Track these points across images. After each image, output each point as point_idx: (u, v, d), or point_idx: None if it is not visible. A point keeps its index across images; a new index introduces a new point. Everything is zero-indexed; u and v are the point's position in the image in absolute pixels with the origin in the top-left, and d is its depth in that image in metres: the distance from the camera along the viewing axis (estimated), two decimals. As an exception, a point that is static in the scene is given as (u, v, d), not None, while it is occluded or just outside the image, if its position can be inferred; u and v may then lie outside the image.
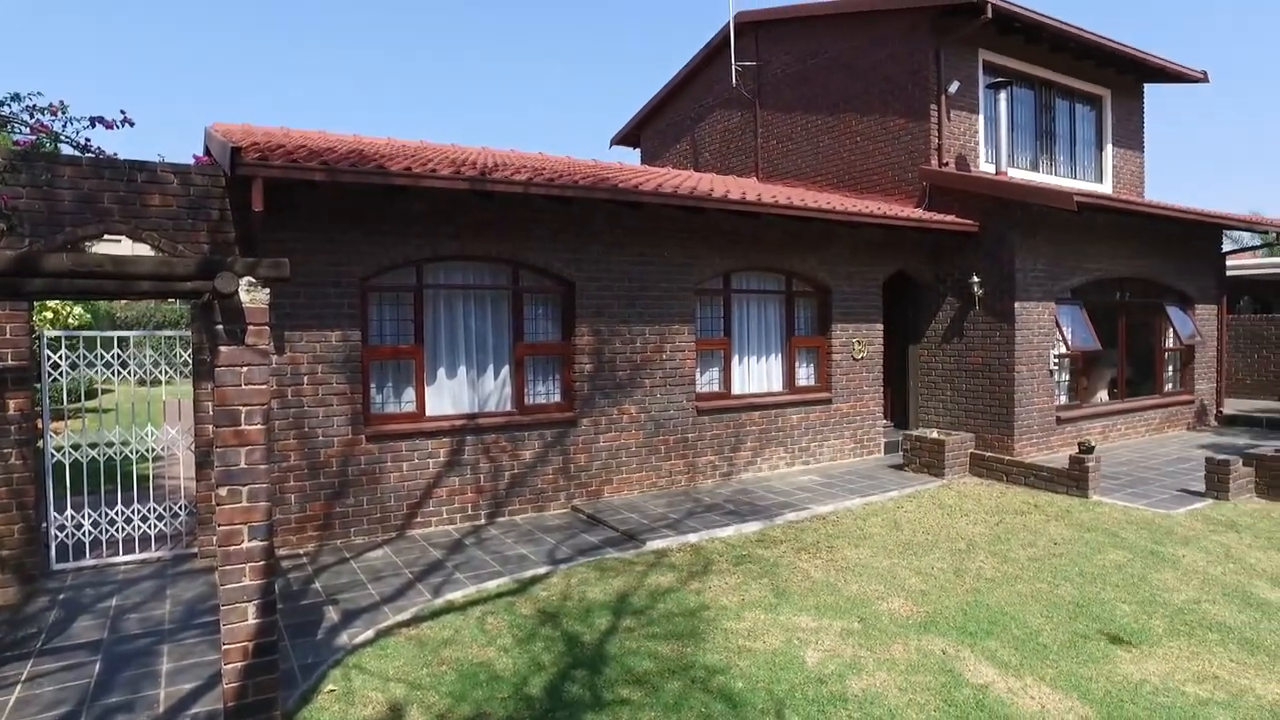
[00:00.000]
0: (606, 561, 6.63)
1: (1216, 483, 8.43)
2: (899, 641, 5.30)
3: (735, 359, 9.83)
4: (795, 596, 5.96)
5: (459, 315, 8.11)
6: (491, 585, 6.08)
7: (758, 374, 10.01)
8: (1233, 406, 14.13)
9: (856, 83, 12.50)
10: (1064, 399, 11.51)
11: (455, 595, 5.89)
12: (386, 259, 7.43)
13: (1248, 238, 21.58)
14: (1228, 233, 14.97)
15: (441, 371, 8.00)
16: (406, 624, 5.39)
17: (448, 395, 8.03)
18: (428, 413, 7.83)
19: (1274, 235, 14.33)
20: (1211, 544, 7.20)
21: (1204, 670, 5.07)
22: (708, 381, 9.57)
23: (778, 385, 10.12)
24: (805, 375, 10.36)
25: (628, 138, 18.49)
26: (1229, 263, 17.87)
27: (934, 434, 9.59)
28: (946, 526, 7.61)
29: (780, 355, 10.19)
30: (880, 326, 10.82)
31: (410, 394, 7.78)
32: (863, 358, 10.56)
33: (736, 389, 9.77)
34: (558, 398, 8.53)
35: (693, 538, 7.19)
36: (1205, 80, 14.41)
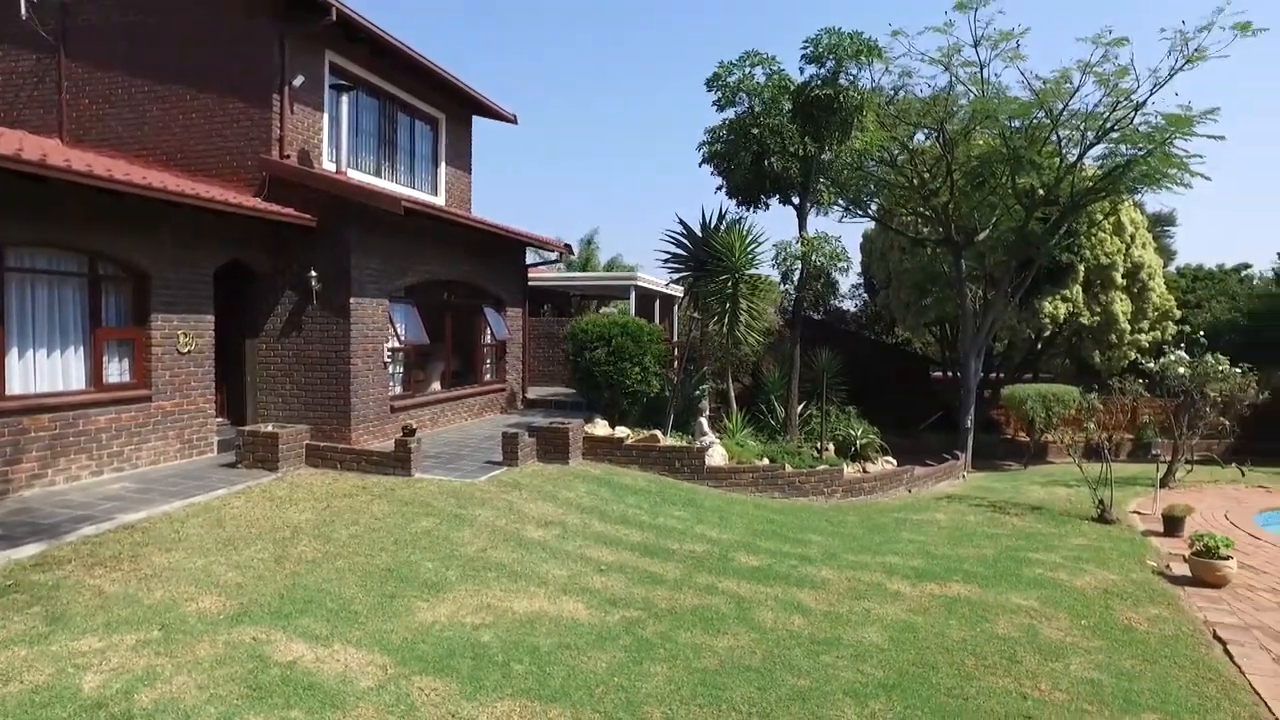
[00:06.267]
0: None
1: (510, 453, 10.16)
2: (206, 640, 5.04)
3: (15, 352, 8.02)
4: (78, 619, 5.17)
5: None
6: None
7: (49, 370, 8.36)
8: (535, 392, 17.21)
9: (194, 54, 11.40)
10: (399, 389, 12.47)
11: None
12: None
13: (553, 256, 26.57)
14: (538, 250, 18.17)
15: None
16: None
17: None
18: None
19: (558, 254, 17.91)
20: (501, 502, 8.63)
21: (481, 603, 6.04)
22: (-27, 380, 7.65)
23: (79, 383, 8.63)
24: (118, 371, 9.07)
25: None
26: (539, 275, 21.75)
27: (269, 428, 9.40)
28: (274, 517, 7.52)
29: (83, 348, 8.71)
30: (211, 318, 10.12)
31: None
32: (190, 351, 9.74)
33: (17, 388, 7.99)
34: None
35: (-66, 576, 5.66)
36: (515, 121, 17.23)
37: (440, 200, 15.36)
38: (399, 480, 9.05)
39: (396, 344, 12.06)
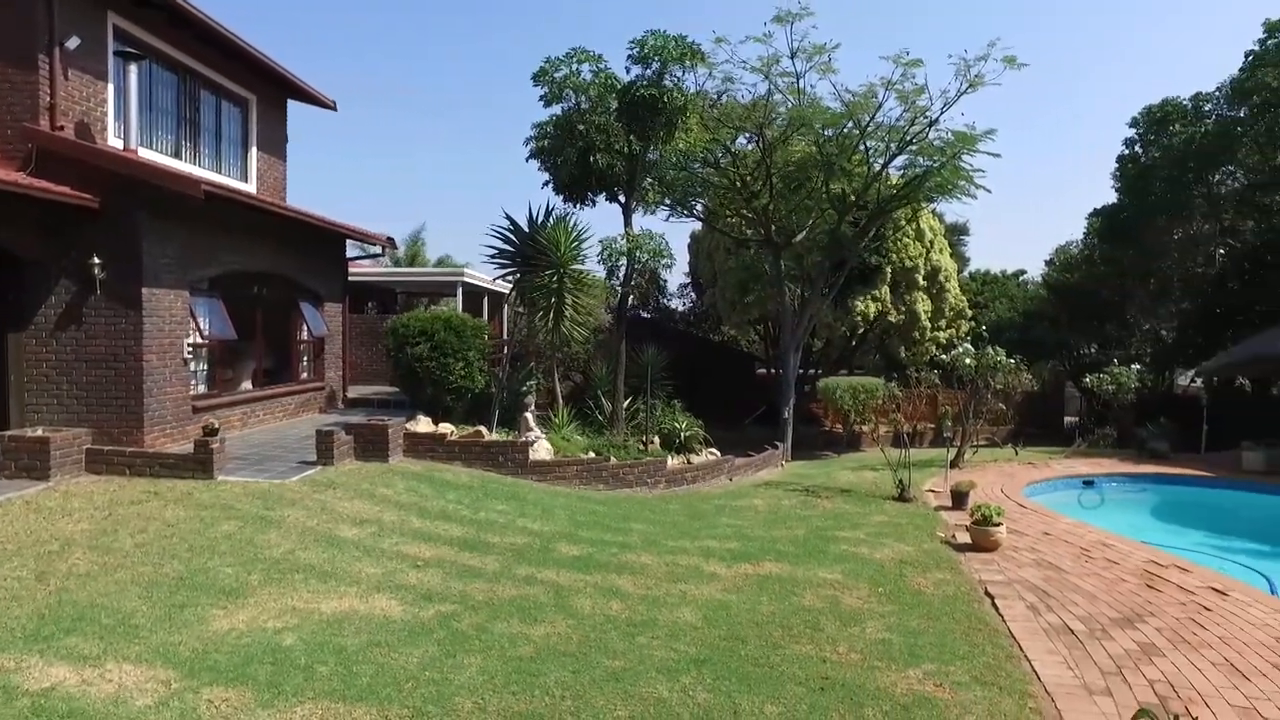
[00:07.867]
0: None
1: (325, 451, 9.64)
2: (-62, 671, 4.42)
3: None
4: None
5: None
6: None
7: None
8: (356, 391, 16.43)
9: (-65, 4, 9.98)
10: (204, 388, 11.52)
11: None
12: None
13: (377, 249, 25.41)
14: (363, 245, 17.30)
15: None
16: None
17: None
18: None
19: (381, 248, 17.18)
20: (313, 502, 8.17)
21: (286, 606, 5.68)
22: None
23: None
24: None
25: None
26: (361, 270, 20.80)
27: (38, 431, 8.39)
28: (39, 531, 6.72)
29: None
30: (-37, 308, 8.94)
31: None
32: (-62, 345, 8.54)
33: None
34: None
35: None
36: (334, 108, 16.36)
37: (251, 187, 14.33)
38: (199, 484, 8.35)
39: (199, 339, 11.14)
